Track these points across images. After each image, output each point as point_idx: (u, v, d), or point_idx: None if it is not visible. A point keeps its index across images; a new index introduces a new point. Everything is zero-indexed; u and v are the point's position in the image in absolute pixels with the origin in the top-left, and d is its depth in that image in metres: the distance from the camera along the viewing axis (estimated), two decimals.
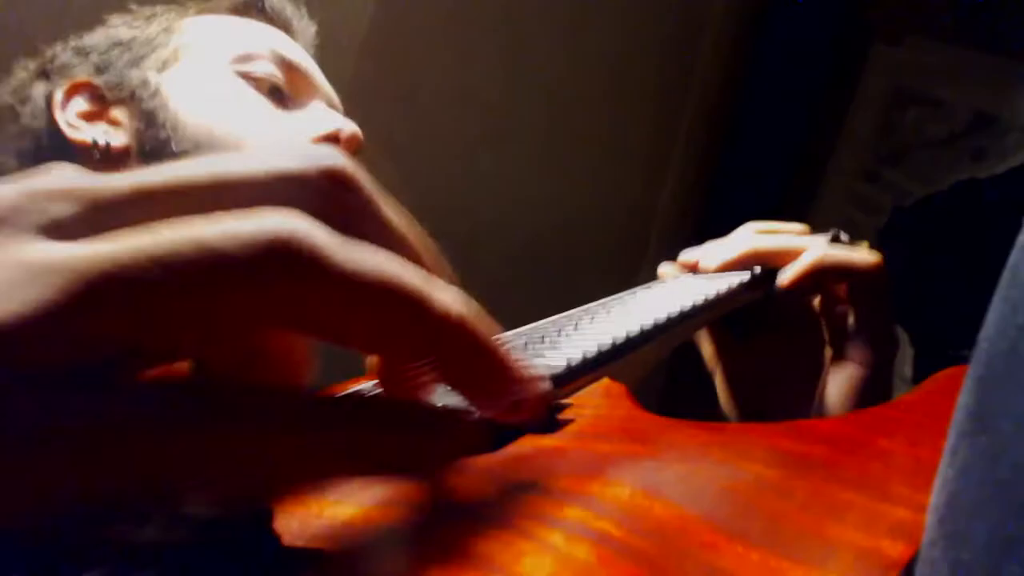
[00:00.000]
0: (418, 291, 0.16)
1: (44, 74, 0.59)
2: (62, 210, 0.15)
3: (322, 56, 0.63)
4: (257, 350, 0.18)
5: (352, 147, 0.54)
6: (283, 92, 0.57)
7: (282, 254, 0.14)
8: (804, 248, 0.47)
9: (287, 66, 0.57)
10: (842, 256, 0.46)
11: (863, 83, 1.45)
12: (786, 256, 0.47)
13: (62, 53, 0.59)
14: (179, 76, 0.55)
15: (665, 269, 0.52)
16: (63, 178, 0.15)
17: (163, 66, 0.56)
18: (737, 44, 1.49)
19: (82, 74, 0.57)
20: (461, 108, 1.13)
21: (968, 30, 1.31)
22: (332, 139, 0.53)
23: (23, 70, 0.60)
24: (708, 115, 1.49)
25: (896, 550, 0.13)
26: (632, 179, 1.43)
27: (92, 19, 0.63)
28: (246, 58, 0.56)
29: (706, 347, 0.52)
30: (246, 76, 0.55)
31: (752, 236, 0.49)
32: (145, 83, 0.55)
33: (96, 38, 0.60)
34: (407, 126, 1.05)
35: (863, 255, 0.46)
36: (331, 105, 0.60)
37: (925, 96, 1.38)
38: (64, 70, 0.58)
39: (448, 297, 0.16)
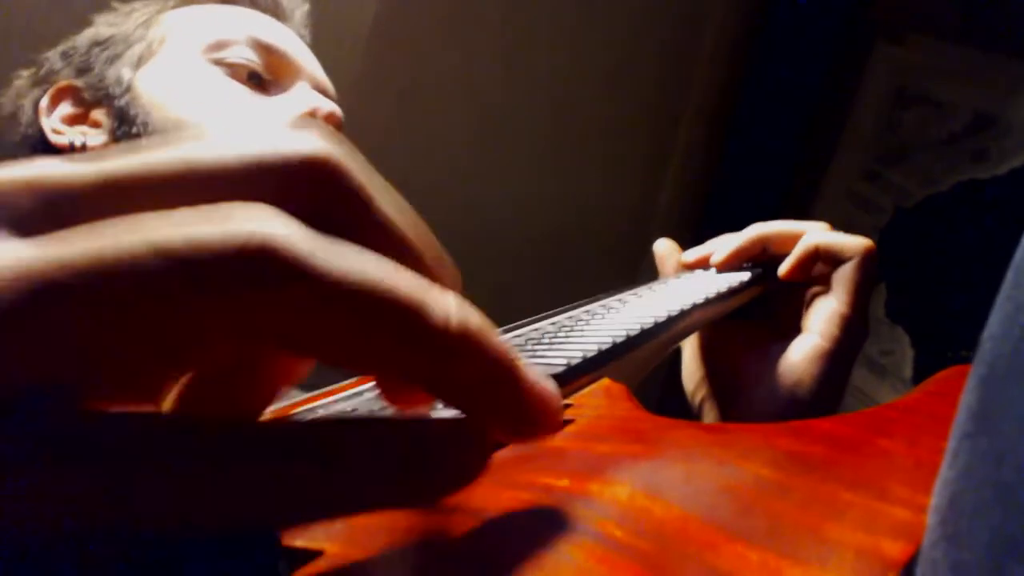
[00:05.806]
0: (411, 299, 0.14)
1: (37, 82, 0.58)
2: (20, 203, 0.13)
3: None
4: (228, 368, 0.16)
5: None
6: (263, 77, 0.55)
7: (255, 262, 0.12)
8: (804, 231, 0.48)
9: (265, 50, 0.56)
10: (836, 239, 0.46)
11: (864, 82, 1.44)
12: (789, 238, 0.48)
13: (51, 59, 0.59)
14: (152, 71, 0.55)
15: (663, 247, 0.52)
16: (25, 168, 0.14)
17: (138, 62, 0.55)
18: (738, 43, 1.49)
19: (66, 78, 0.57)
20: (461, 107, 1.13)
21: (971, 30, 1.31)
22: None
23: (19, 79, 0.60)
24: (709, 114, 1.49)
25: (896, 550, 0.13)
26: (633, 177, 1.43)
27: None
28: (220, 45, 0.55)
29: None
30: (220, 63, 0.54)
31: (757, 224, 0.49)
32: (119, 80, 0.54)
33: (80, 39, 0.59)
34: (409, 124, 1.06)
35: (856, 238, 0.46)
36: (317, 85, 0.58)
37: (926, 96, 1.38)
38: (51, 76, 0.58)
39: (447, 305, 0.14)
